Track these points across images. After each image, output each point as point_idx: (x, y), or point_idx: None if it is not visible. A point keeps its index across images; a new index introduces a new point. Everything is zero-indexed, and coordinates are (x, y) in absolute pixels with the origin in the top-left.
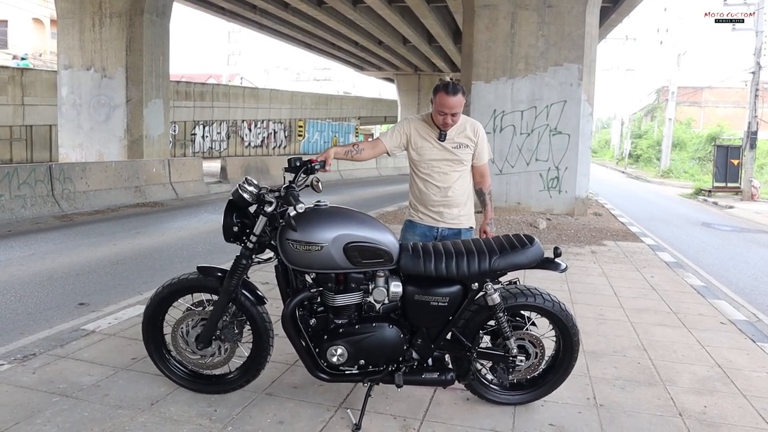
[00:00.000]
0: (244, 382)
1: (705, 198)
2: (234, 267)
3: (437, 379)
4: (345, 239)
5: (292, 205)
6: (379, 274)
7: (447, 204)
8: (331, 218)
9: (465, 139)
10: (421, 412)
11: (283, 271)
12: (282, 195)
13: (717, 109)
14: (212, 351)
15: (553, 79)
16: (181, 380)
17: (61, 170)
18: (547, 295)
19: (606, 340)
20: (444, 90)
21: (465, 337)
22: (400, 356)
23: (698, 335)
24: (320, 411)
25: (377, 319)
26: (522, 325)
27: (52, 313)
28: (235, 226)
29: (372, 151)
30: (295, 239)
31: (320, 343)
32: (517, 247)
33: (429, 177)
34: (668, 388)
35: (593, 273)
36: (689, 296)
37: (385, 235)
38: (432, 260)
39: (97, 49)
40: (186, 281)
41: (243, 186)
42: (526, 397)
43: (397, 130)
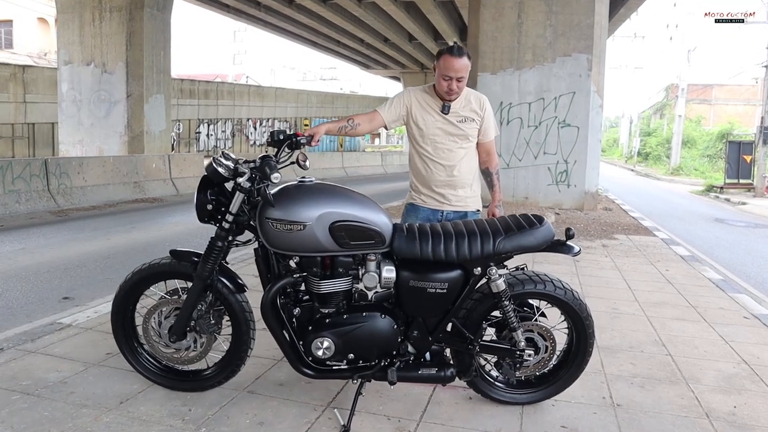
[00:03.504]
0: (222, 378)
1: (717, 195)
2: (208, 250)
3: (435, 376)
4: (331, 218)
5: (266, 176)
6: (370, 257)
7: (452, 184)
8: (315, 195)
9: (470, 113)
10: (418, 413)
11: (264, 255)
12: (257, 166)
13: (727, 107)
14: (187, 344)
15: (562, 70)
16: (153, 376)
17: (57, 165)
18: (558, 282)
19: (621, 335)
20: (449, 52)
21: (466, 328)
22: (393, 350)
23: (721, 330)
24: (306, 410)
25: (368, 309)
26: (530, 316)
27: (33, 307)
28: (209, 204)
29: (369, 125)
30: (275, 218)
31: (305, 334)
32: (525, 228)
33: (432, 154)
34: (692, 386)
35: (605, 266)
36: (708, 290)
37: (376, 214)
38: (429, 242)
39: (97, 44)
40: (158, 267)
41: (218, 159)
42: (534, 395)
43: (397, 101)
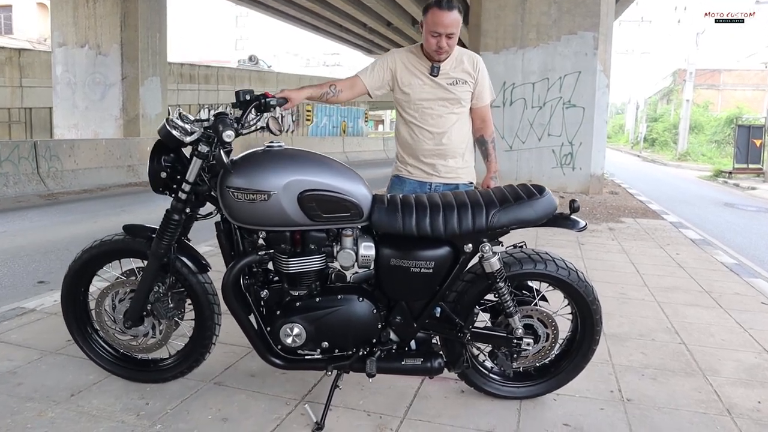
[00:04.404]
0: (185, 368)
1: (725, 180)
2: (164, 224)
3: (421, 367)
4: (300, 186)
5: (218, 134)
6: (346, 232)
7: (442, 154)
8: (282, 160)
9: (462, 74)
10: (402, 408)
11: (227, 231)
12: (210, 124)
13: (735, 92)
14: (145, 330)
15: (567, 49)
16: (109, 366)
17: (47, 147)
18: (561, 261)
19: (630, 321)
20: (437, 5)
21: (457, 313)
22: (373, 337)
23: (738, 317)
24: (277, 405)
25: (344, 291)
26: (529, 300)
27: (5, 291)
28: (163, 172)
29: (350, 91)
30: (236, 187)
31: (273, 320)
32: (523, 199)
33: (419, 121)
34: (709, 378)
35: (612, 250)
36: (721, 274)
37: (353, 183)
38: (413, 215)
39: (91, 26)
40: (110, 244)
41: (173, 121)
42: (534, 389)
43: (379, 64)
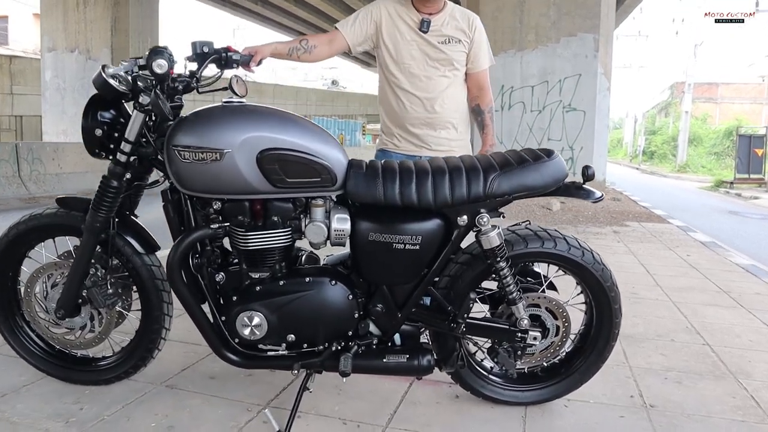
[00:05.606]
0: (130, 368)
1: (727, 190)
2: (100, 192)
3: (406, 365)
4: (259, 144)
5: (150, 68)
6: (316, 202)
7: (432, 123)
8: (240, 115)
9: (456, 32)
10: (385, 415)
11: (176, 202)
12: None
13: (733, 105)
14: (82, 322)
15: (567, 51)
16: (41, 364)
17: (30, 150)
18: (573, 240)
19: (645, 321)
20: None
21: (449, 301)
22: (349, 330)
23: (763, 317)
24: (236, 411)
25: (314, 273)
26: (536, 287)
27: None
28: (99, 129)
29: (328, 47)
30: (184, 145)
31: (229, 307)
32: (528, 161)
33: (407, 84)
34: (742, 382)
35: (618, 251)
36: (738, 275)
37: (324, 144)
38: (396, 181)
39: (81, 30)
40: (40, 218)
41: (108, 69)
42: (541, 393)
43: (363, 15)
